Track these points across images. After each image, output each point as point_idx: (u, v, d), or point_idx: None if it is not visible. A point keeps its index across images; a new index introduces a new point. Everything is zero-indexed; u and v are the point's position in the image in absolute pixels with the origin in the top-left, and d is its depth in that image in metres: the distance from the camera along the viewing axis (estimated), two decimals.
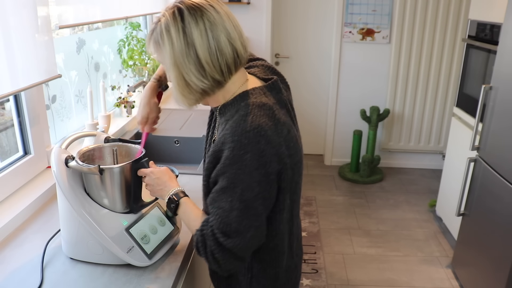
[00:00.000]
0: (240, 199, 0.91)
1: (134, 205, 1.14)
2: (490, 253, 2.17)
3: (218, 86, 0.99)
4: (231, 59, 0.96)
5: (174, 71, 0.96)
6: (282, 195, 0.99)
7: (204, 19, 0.93)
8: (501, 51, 2.14)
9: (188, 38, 0.93)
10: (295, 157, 1.01)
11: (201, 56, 0.93)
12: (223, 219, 0.92)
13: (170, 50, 0.94)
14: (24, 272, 1.08)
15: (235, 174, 0.91)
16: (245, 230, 0.93)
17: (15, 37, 1.24)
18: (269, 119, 0.95)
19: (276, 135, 0.94)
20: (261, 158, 0.91)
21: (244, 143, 0.91)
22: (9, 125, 1.48)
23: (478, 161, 2.32)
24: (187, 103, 1.01)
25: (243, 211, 0.92)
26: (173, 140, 2.12)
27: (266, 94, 1.02)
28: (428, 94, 3.91)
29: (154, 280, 1.07)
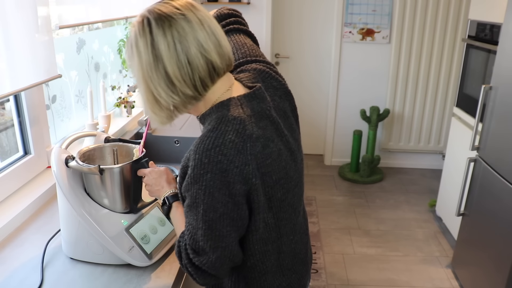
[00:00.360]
0: (203, 219, 0.87)
1: (134, 205, 1.15)
2: (490, 253, 2.17)
3: (191, 102, 0.91)
4: (205, 72, 0.88)
5: (143, 85, 0.90)
6: (253, 215, 0.92)
7: (173, 30, 0.84)
8: (501, 51, 2.14)
9: (156, 51, 0.85)
10: (274, 174, 0.92)
11: (169, 71, 0.85)
12: (192, 236, 0.90)
13: (139, 63, 0.88)
14: (24, 272, 1.08)
15: (196, 194, 0.86)
16: (210, 251, 0.88)
17: (15, 37, 1.24)
18: (236, 136, 0.87)
19: (242, 154, 0.86)
20: (223, 178, 0.84)
21: (204, 162, 0.84)
22: (9, 125, 1.48)
23: (478, 161, 2.32)
24: (159, 121, 0.94)
25: (207, 231, 0.87)
26: (173, 140, 2.12)
27: (244, 105, 0.93)
28: (428, 94, 3.91)
29: (154, 280, 1.07)
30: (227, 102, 0.92)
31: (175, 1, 0.89)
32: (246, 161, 0.86)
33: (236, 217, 0.88)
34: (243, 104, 0.93)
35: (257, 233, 0.94)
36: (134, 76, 0.93)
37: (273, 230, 0.97)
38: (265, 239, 0.96)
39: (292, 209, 1.02)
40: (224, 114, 0.90)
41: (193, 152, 0.87)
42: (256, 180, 0.88)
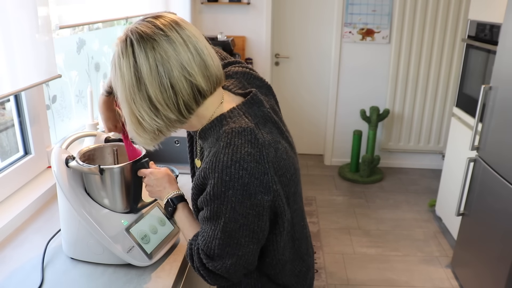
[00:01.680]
0: (222, 230, 0.88)
1: (134, 205, 1.15)
2: (490, 253, 2.17)
3: (175, 125, 0.89)
4: (189, 96, 0.84)
5: (126, 107, 0.86)
6: (280, 219, 0.93)
7: (155, 52, 0.81)
8: (501, 51, 2.15)
9: (139, 73, 0.82)
10: (287, 173, 0.94)
11: (151, 94, 0.82)
12: (207, 243, 0.91)
13: (122, 84, 0.84)
14: (24, 272, 1.08)
15: (218, 209, 0.87)
16: (227, 257, 0.90)
17: (16, 37, 1.24)
18: (251, 147, 0.86)
19: (261, 164, 0.86)
20: (245, 192, 0.85)
21: (225, 179, 0.84)
22: (10, 125, 1.48)
23: (478, 161, 2.32)
24: (143, 142, 0.91)
25: (225, 240, 0.88)
26: (173, 140, 2.12)
27: (246, 113, 0.92)
28: (428, 94, 3.92)
29: (155, 280, 1.07)
30: (229, 114, 0.91)
31: (159, 20, 0.85)
32: (265, 170, 0.87)
33: (256, 229, 0.89)
34: (246, 113, 0.92)
35: (283, 232, 0.96)
36: (117, 97, 0.88)
37: (289, 223, 0.99)
38: (286, 233, 0.98)
39: (300, 198, 1.05)
40: (232, 127, 0.88)
41: (211, 170, 0.86)
42: (276, 186, 0.89)
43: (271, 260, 0.99)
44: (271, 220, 0.93)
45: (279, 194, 0.90)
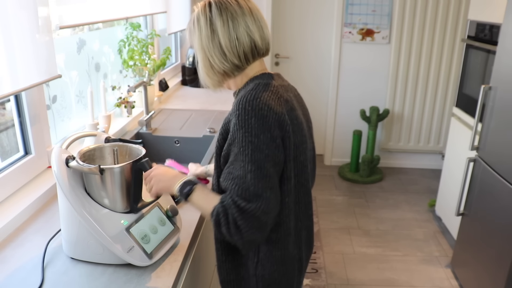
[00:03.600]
0: (251, 161, 0.97)
1: (134, 205, 1.15)
2: (490, 252, 2.17)
3: (237, 70, 1.12)
4: (248, 48, 1.09)
5: (201, 53, 1.10)
6: (287, 162, 1.05)
7: (228, 12, 1.07)
8: (501, 51, 2.15)
9: (213, 26, 1.07)
10: (299, 135, 1.08)
11: (222, 42, 1.07)
12: (240, 186, 0.97)
13: (199, 36, 1.09)
14: (24, 272, 1.09)
15: (244, 137, 0.99)
16: (263, 192, 0.97)
17: (16, 37, 1.24)
18: (272, 94, 1.05)
19: (279, 106, 1.04)
20: (265, 122, 0.99)
21: (248, 109, 1.00)
22: (10, 125, 1.48)
23: (478, 161, 2.33)
24: (211, 83, 1.15)
25: (256, 173, 0.97)
26: (173, 140, 2.12)
27: (274, 78, 1.14)
28: (427, 94, 3.92)
29: (155, 280, 1.07)
30: (260, 75, 1.14)
31: None
32: (281, 111, 1.04)
33: (277, 160, 1.01)
34: (273, 78, 1.14)
35: (289, 183, 1.07)
36: (193, 46, 1.13)
37: (294, 191, 1.11)
38: (291, 194, 1.09)
39: (308, 184, 1.16)
40: (260, 81, 1.10)
41: (236, 105, 1.03)
42: (289, 128, 1.04)
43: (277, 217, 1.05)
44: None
45: (289, 137, 1.04)
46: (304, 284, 2.53)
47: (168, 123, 2.31)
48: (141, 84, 2.07)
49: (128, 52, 2.32)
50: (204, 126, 2.25)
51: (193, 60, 3.11)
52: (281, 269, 1.12)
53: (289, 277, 1.15)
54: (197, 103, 2.73)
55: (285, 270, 1.13)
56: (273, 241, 1.09)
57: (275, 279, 1.13)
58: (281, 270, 1.13)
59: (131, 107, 2.24)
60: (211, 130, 2.15)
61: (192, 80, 3.17)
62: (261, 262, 1.11)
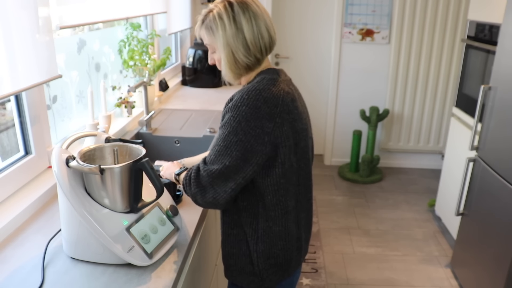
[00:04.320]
0: (224, 139, 1.12)
1: (135, 205, 1.15)
2: (489, 252, 2.18)
3: (257, 64, 1.22)
4: (268, 42, 1.21)
5: (226, 50, 1.18)
6: (279, 149, 1.14)
7: (250, 10, 1.17)
8: (500, 51, 2.15)
9: (238, 24, 1.16)
10: (300, 123, 1.19)
11: (247, 38, 1.17)
12: (210, 154, 1.15)
13: (223, 33, 1.17)
14: (25, 272, 1.09)
15: (228, 119, 1.12)
16: (217, 163, 1.12)
17: (16, 37, 1.24)
18: (274, 87, 1.15)
19: (276, 99, 1.13)
20: (254, 112, 1.10)
21: (244, 98, 1.12)
22: (10, 125, 1.48)
23: (477, 161, 2.33)
24: (233, 76, 1.24)
25: (222, 148, 1.12)
26: (173, 140, 2.13)
27: (278, 73, 1.23)
28: (427, 94, 3.92)
29: (155, 280, 1.07)
30: (266, 70, 1.23)
31: None
32: (277, 104, 1.13)
33: (248, 148, 1.11)
34: (278, 73, 1.23)
35: (283, 167, 1.16)
36: (213, 44, 1.21)
37: (295, 175, 1.21)
38: (289, 178, 1.19)
39: (309, 166, 1.28)
40: (264, 76, 1.20)
41: (237, 94, 1.15)
42: (279, 119, 1.13)
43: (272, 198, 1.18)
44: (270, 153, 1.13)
45: (280, 126, 1.13)
46: (304, 283, 2.53)
47: (168, 123, 2.31)
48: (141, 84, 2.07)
49: (128, 52, 2.32)
50: (204, 126, 2.25)
51: (193, 60, 3.11)
52: (279, 244, 1.23)
53: (287, 253, 1.25)
54: (197, 103, 2.74)
55: (283, 245, 1.24)
56: (272, 218, 1.20)
57: (274, 253, 1.23)
58: (280, 245, 1.23)
59: (131, 107, 2.25)
60: (211, 130, 2.15)
61: (192, 80, 3.17)
62: (261, 239, 1.21)
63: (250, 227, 1.22)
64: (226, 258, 1.30)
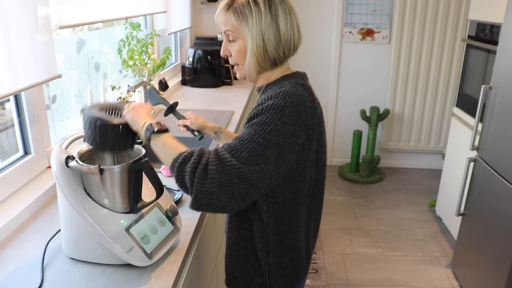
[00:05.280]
0: (264, 137, 0.97)
1: (134, 205, 1.15)
2: (490, 253, 2.17)
3: (284, 59, 1.15)
4: (297, 40, 1.15)
5: (257, 39, 1.09)
6: (304, 163, 1.07)
7: (286, 3, 1.11)
8: (501, 51, 2.14)
9: (274, 14, 1.08)
10: (323, 136, 1.14)
11: (282, 30, 1.10)
12: (237, 146, 0.97)
13: (258, 19, 1.08)
14: (24, 272, 1.08)
15: (272, 117, 0.99)
16: (251, 164, 0.95)
17: (15, 37, 1.24)
18: (309, 95, 1.08)
19: (312, 109, 1.06)
20: (296, 118, 1.01)
21: (287, 99, 1.02)
22: (10, 125, 1.48)
23: (478, 161, 2.32)
24: (256, 70, 1.13)
25: (260, 148, 0.96)
26: None
27: (305, 79, 1.16)
28: (428, 94, 3.92)
29: (154, 280, 1.07)
30: (293, 74, 1.16)
31: None
32: (313, 115, 1.06)
33: (282, 155, 1.00)
34: (305, 78, 1.17)
35: (304, 181, 1.10)
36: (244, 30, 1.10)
37: (311, 187, 1.16)
38: (307, 191, 1.14)
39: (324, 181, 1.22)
40: (296, 81, 1.11)
41: (273, 94, 1.04)
42: (311, 132, 1.06)
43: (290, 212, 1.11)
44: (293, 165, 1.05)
45: (310, 140, 1.07)
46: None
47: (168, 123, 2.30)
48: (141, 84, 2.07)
49: (128, 52, 2.32)
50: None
51: (193, 60, 3.11)
52: (290, 255, 1.18)
53: (296, 263, 1.20)
54: (197, 103, 2.73)
55: (293, 256, 1.19)
56: (284, 232, 1.14)
57: (284, 264, 1.18)
58: (290, 256, 1.18)
59: None
60: None
61: (192, 80, 3.17)
62: (272, 252, 1.15)
63: (261, 241, 1.15)
64: (232, 270, 1.24)
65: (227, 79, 3.22)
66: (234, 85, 3.22)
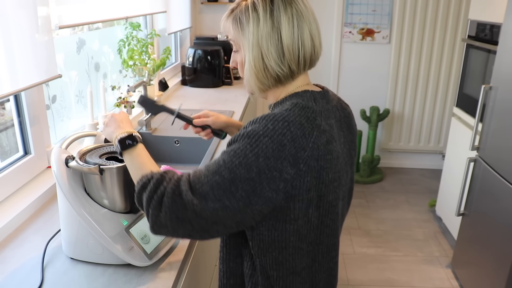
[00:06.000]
0: (231, 170, 0.84)
1: (134, 205, 1.15)
2: (490, 253, 2.17)
3: (290, 77, 0.97)
4: (309, 53, 0.96)
5: (254, 51, 0.94)
6: (293, 203, 0.88)
7: (293, 7, 0.93)
8: (501, 51, 2.14)
9: (275, 21, 0.92)
10: (331, 172, 0.91)
11: (284, 41, 0.92)
12: (201, 176, 0.86)
13: (255, 29, 0.92)
14: (24, 272, 1.08)
15: (243, 147, 0.85)
16: (212, 199, 0.83)
17: (15, 37, 1.24)
18: (307, 121, 0.89)
19: (306, 139, 0.87)
20: (278, 150, 0.84)
21: (268, 127, 0.86)
22: (9, 125, 1.48)
23: (478, 161, 2.32)
24: (258, 87, 0.98)
25: (225, 182, 0.83)
26: (173, 140, 2.12)
27: (316, 99, 0.96)
28: (428, 94, 3.92)
29: (154, 280, 1.07)
30: (302, 93, 0.97)
31: None
32: (305, 146, 0.87)
33: (258, 191, 0.84)
34: (316, 99, 0.96)
35: (295, 223, 0.91)
36: (238, 41, 0.96)
37: (313, 231, 0.94)
38: (303, 235, 0.93)
39: (338, 221, 1.00)
40: (298, 101, 0.93)
41: (260, 118, 0.89)
42: (304, 167, 0.87)
43: (277, 255, 0.93)
44: (280, 203, 0.88)
45: (303, 176, 0.87)
46: None
47: (168, 123, 2.31)
48: (141, 84, 2.07)
49: (127, 52, 2.32)
50: None
51: (193, 59, 3.11)
52: None
53: None
54: (197, 103, 2.73)
55: None
56: (273, 277, 0.96)
57: None
58: None
59: (131, 107, 2.24)
60: None
61: (192, 80, 3.17)
62: None
63: (250, 280, 0.98)
64: None
65: (227, 79, 3.22)
66: (234, 85, 3.22)
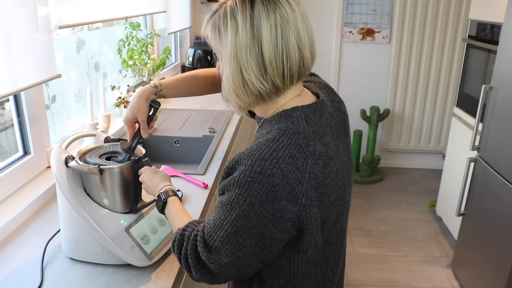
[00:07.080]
0: (232, 224, 0.80)
1: (134, 205, 1.14)
2: (490, 253, 2.17)
3: (274, 94, 0.87)
4: (296, 66, 0.84)
5: (232, 64, 0.83)
6: (303, 236, 0.84)
7: (277, 13, 0.81)
8: (501, 51, 2.14)
9: (256, 30, 0.80)
10: (331, 194, 0.87)
11: (265, 54, 0.81)
12: (211, 231, 0.83)
13: (232, 39, 0.82)
14: (24, 272, 1.08)
15: (236, 198, 0.80)
16: (224, 253, 0.81)
17: (15, 37, 1.23)
18: (298, 151, 0.81)
19: (300, 172, 0.80)
20: (271, 193, 0.78)
21: (256, 170, 0.79)
22: (9, 125, 1.47)
23: (478, 161, 2.32)
24: (238, 105, 0.88)
25: (230, 236, 0.80)
26: (173, 140, 2.12)
27: (308, 118, 0.87)
28: (428, 94, 3.91)
29: (154, 280, 1.06)
30: (291, 112, 0.87)
31: None
32: (301, 179, 0.80)
33: (266, 234, 0.81)
34: (307, 117, 0.87)
35: (304, 254, 0.87)
36: (218, 52, 0.87)
37: (319, 253, 0.91)
38: (310, 261, 0.90)
39: (342, 234, 0.97)
40: (287, 126, 0.84)
41: (246, 157, 0.81)
42: (306, 200, 0.81)
43: (285, 283, 0.90)
44: (293, 236, 0.84)
45: (307, 210, 0.82)
46: None
47: (168, 123, 2.30)
48: (140, 83, 2.07)
49: (127, 51, 2.31)
50: (204, 126, 2.25)
51: (193, 59, 3.10)
52: None
53: None
54: (197, 103, 2.73)
55: None
56: None
57: None
58: None
59: None
60: (211, 130, 2.14)
61: None
62: None
63: None
64: None
65: None
66: None
